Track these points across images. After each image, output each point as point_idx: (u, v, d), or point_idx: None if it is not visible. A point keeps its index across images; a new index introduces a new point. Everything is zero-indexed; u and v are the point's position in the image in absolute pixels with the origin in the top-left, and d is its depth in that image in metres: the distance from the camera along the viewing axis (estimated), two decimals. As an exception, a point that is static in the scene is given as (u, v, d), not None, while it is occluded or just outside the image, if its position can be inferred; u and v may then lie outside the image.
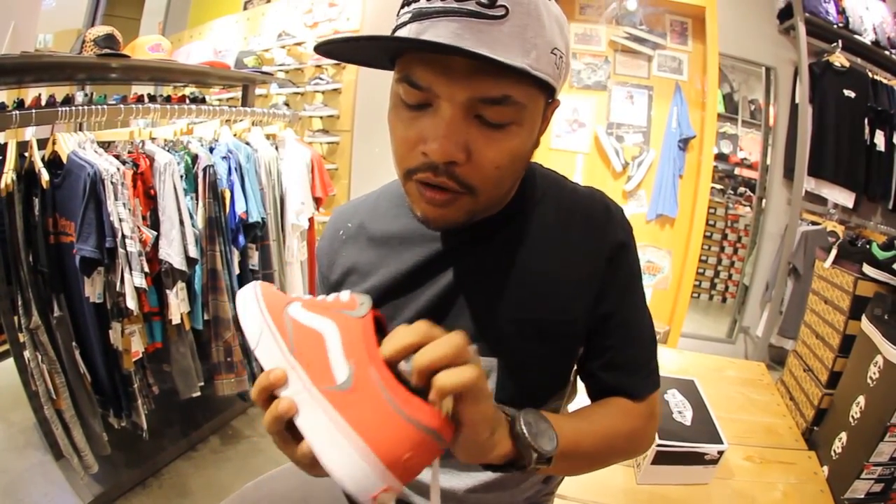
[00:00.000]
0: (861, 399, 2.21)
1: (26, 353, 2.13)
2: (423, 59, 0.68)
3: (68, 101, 2.34)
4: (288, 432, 0.60)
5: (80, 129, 2.25)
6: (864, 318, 2.35)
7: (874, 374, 2.16)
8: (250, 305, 0.68)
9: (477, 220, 0.80)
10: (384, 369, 0.57)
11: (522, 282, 0.87)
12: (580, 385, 1.00)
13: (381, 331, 0.65)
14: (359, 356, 0.58)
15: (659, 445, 1.57)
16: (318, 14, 4.48)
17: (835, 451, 2.24)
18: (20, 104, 2.13)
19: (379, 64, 0.78)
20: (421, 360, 0.55)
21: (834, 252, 2.78)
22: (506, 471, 0.70)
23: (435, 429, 0.55)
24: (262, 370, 0.62)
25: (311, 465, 0.58)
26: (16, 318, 2.10)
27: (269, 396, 0.60)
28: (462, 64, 0.66)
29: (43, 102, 2.24)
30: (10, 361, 2.26)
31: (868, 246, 2.69)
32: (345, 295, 0.66)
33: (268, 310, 0.66)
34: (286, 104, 4.50)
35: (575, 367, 0.95)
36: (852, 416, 2.24)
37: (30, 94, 2.62)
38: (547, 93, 0.75)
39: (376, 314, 0.66)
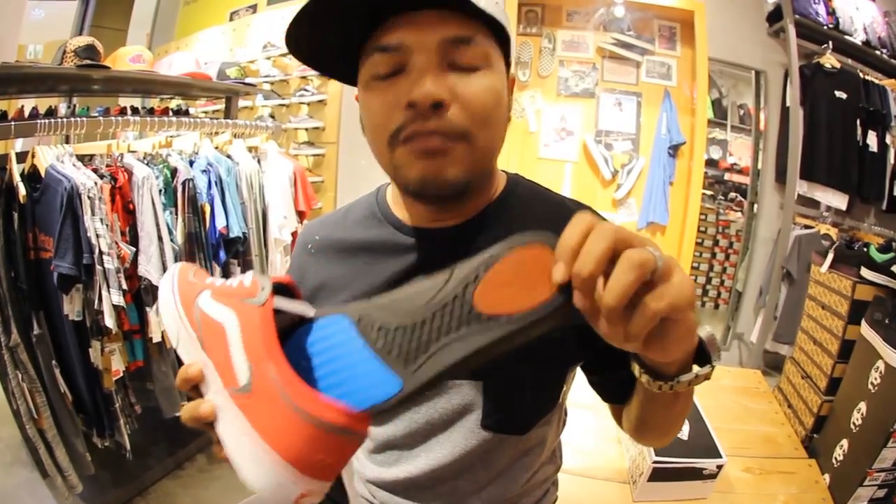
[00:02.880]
0: (862, 405, 2.18)
1: (8, 371, 2.09)
2: (389, 25, 0.71)
3: (51, 112, 2.30)
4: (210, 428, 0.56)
5: (67, 142, 2.21)
6: (863, 322, 2.32)
7: (875, 379, 2.14)
8: (167, 299, 0.65)
9: (471, 179, 0.76)
10: (283, 364, 0.52)
11: None
12: (575, 409, 0.97)
13: (292, 295, 0.63)
14: (257, 352, 0.53)
15: (655, 462, 1.53)
16: (303, 24, 4.44)
17: (836, 459, 2.21)
18: (2, 116, 2.09)
19: (343, 64, 0.79)
20: (618, 289, 0.44)
21: (830, 256, 2.75)
22: (678, 383, 0.61)
23: (342, 426, 0.49)
24: None
25: None
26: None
27: (193, 387, 0.57)
28: (428, 17, 0.70)
29: (26, 114, 2.21)
30: (-4, 378, 2.22)
31: (865, 249, 2.67)
32: (247, 279, 0.61)
33: (181, 303, 0.63)
34: (272, 116, 4.47)
35: (565, 389, 0.91)
36: (853, 423, 2.21)
37: (15, 105, 2.60)
38: (503, 51, 0.79)
39: (286, 282, 0.63)
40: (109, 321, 2.03)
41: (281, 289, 0.62)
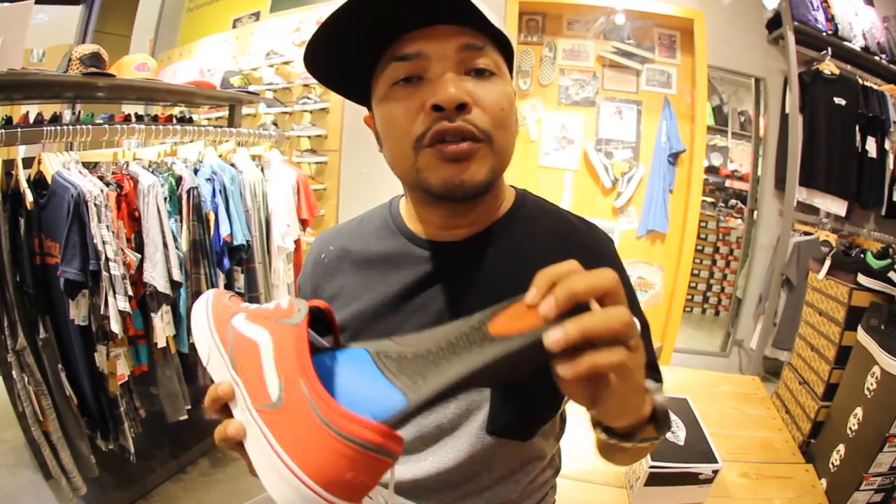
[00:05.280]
0: (859, 410, 2.20)
1: (14, 374, 2.10)
2: (406, 38, 0.75)
3: (56, 119, 2.31)
4: (240, 448, 0.56)
5: (70, 149, 2.23)
6: (860, 328, 2.34)
7: (871, 384, 2.15)
8: (200, 319, 0.66)
9: (492, 181, 0.80)
10: (315, 380, 0.51)
11: None
12: (572, 419, 0.99)
13: (330, 324, 0.65)
14: (289, 369, 0.53)
15: (651, 467, 1.54)
16: (305, 32, 4.45)
17: (833, 464, 2.22)
18: (8, 121, 2.10)
19: (361, 77, 0.82)
20: (588, 323, 0.50)
21: (828, 263, 2.76)
22: (626, 439, 0.67)
23: (373, 444, 0.48)
24: None
25: None
26: (2, 338, 2.06)
27: (222, 407, 0.58)
28: (443, 30, 0.74)
29: (31, 120, 2.21)
30: (0, 380, 2.23)
31: (862, 255, 2.68)
32: (284, 301, 0.62)
33: (214, 323, 0.64)
34: (274, 124, 4.47)
35: (565, 398, 0.92)
36: (850, 428, 2.22)
37: (21, 110, 2.61)
38: (507, 61, 0.83)
39: (322, 306, 0.64)
40: (115, 326, 2.03)
41: (317, 313, 0.63)
